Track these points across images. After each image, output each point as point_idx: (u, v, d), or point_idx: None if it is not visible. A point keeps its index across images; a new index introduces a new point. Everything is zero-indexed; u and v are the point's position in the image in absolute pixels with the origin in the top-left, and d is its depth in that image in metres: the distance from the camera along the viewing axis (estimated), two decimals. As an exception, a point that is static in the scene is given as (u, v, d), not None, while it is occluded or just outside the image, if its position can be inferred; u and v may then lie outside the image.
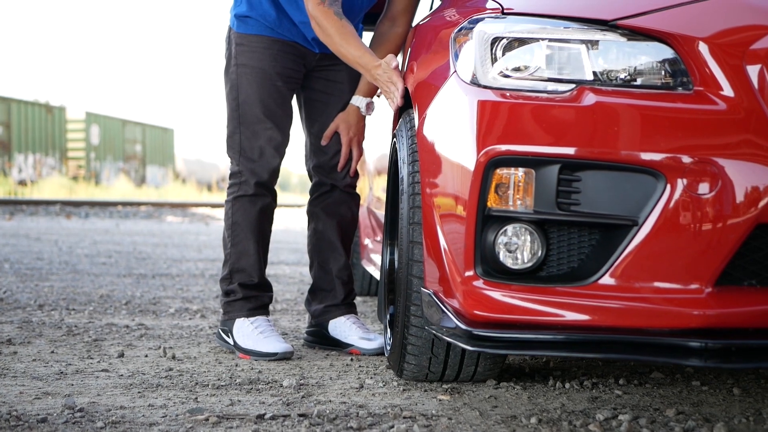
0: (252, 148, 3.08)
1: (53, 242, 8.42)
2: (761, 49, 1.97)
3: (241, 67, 3.09)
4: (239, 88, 3.09)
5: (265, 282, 3.18)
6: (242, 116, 3.09)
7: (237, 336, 3.08)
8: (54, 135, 27.15)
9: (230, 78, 3.12)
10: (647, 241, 1.95)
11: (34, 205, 15.87)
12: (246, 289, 3.13)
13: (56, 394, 2.42)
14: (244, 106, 3.08)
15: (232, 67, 3.12)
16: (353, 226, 3.29)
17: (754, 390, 2.54)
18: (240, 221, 3.12)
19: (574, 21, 2.11)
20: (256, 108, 3.07)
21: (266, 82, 3.07)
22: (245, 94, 3.08)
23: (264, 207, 3.13)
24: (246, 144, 3.09)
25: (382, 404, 2.34)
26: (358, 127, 3.14)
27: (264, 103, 3.07)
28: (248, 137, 3.08)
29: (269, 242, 3.22)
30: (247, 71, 3.08)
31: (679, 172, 1.94)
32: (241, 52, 3.10)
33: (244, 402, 2.36)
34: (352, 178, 3.22)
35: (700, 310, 1.94)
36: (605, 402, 2.38)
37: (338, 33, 2.88)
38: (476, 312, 2.08)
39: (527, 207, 2.04)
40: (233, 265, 3.14)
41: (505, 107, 2.08)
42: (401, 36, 3.11)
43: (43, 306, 4.16)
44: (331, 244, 3.25)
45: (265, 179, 3.09)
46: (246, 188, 3.10)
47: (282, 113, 3.10)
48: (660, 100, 1.99)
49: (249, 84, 3.07)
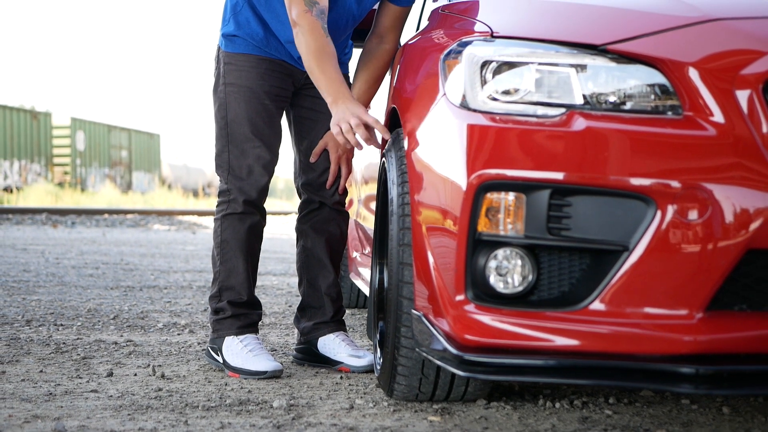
0: (240, 166, 3.08)
1: (40, 253, 8.39)
2: (751, 74, 1.98)
3: (229, 86, 3.09)
4: (227, 107, 3.09)
5: (255, 300, 3.18)
6: (231, 135, 3.09)
7: (226, 354, 3.07)
8: (39, 141, 27.07)
9: (219, 97, 3.12)
10: (637, 267, 1.96)
11: (20, 214, 15.80)
12: (235, 307, 3.13)
13: (45, 417, 2.41)
14: (233, 125, 3.08)
15: (220, 86, 3.12)
16: (342, 244, 3.29)
17: (743, 409, 2.55)
18: (229, 239, 3.12)
19: (564, 45, 2.12)
20: (244, 126, 3.07)
21: (254, 100, 3.07)
22: (233, 113, 3.08)
23: (253, 225, 3.13)
24: (234, 162, 3.08)
25: (373, 426, 2.34)
26: (346, 144, 3.13)
27: (252, 122, 3.07)
28: (237, 156, 3.08)
29: (258, 260, 3.22)
30: (234, 90, 3.08)
31: (669, 197, 1.94)
32: (229, 71, 3.10)
33: (234, 424, 2.35)
34: (341, 195, 3.22)
35: (691, 336, 1.94)
36: (596, 422, 2.39)
37: (318, 50, 2.85)
38: (467, 336, 2.07)
39: (518, 231, 2.04)
40: (222, 283, 3.14)
41: (495, 131, 2.08)
42: (389, 52, 3.12)
43: (30, 321, 4.14)
44: (319, 261, 3.25)
45: (253, 197, 3.09)
46: (235, 206, 3.10)
47: (270, 132, 3.10)
48: (650, 125, 1.99)
49: (237, 103, 3.07)
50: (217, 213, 3.17)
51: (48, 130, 27.67)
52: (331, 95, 2.83)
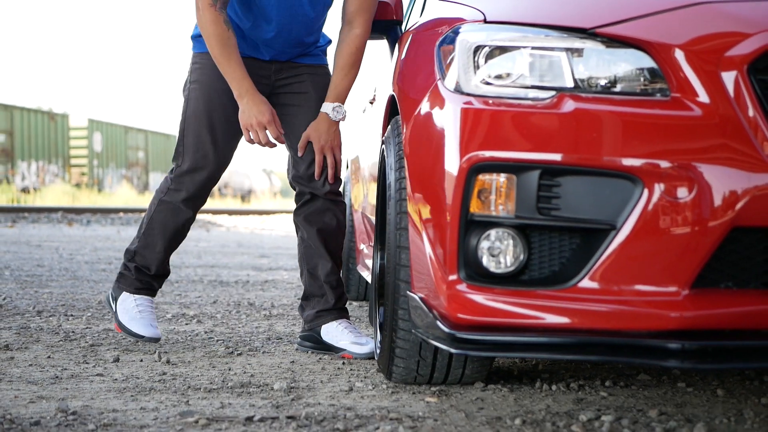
0: (190, 161, 3.20)
1: (54, 249, 8.47)
2: (736, 56, 2.01)
3: (193, 83, 3.23)
4: (188, 102, 3.23)
5: (162, 272, 3.39)
6: (186, 130, 3.22)
7: (119, 308, 3.33)
8: (57, 142, 27.25)
9: (184, 95, 3.27)
10: (625, 245, 1.99)
11: (36, 213, 15.92)
12: (140, 273, 3.34)
13: (50, 398, 2.46)
14: (190, 120, 3.22)
15: (187, 85, 3.27)
16: (339, 233, 3.31)
17: (738, 391, 2.58)
18: (157, 222, 3.30)
19: (555, 29, 2.15)
20: (200, 124, 3.20)
21: (214, 99, 3.20)
22: (192, 109, 3.22)
23: (184, 221, 3.31)
24: (185, 158, 3.21)
25: (370, 406, 2.38)
26: (329, 134, 3.17)
27: (209, 120, 3.20)
28: (189, 151, 3.21)
29: (179, 243, 3.41)
30: (196, 87, 3.22)
31: (656, 176, 1.98)
32: (194, 69, 3.25)
33: (234, 405, 2.40)
34: (332, 184, 3.24)
35: (678, 312, 1.97)
36: (590, 403, 2.42)
37: (221, 43, 3.04)
38: (460, 315, 2.12)
39: (509, 212, 2.08)
40: (138, 250, 3.34)
41: (488, 114, 2.12)
42: (360, 36, 3.17)
43: (41, 312, 4.21)
44: (317, 250, 3.30)
45: (192, 194, 3.24)
46: (174, 197, 3.25)
47: (223, 132, 3.21)
48: (637, 107, 2.03)
49: (197, 99, 3.21)
50: (158, 192, 3.32)
51: (65, 132, 27.85)
52: (236, 89, 3.09)
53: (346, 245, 5.15)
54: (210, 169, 3.21)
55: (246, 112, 3.09)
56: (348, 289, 5.01)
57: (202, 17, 3.03)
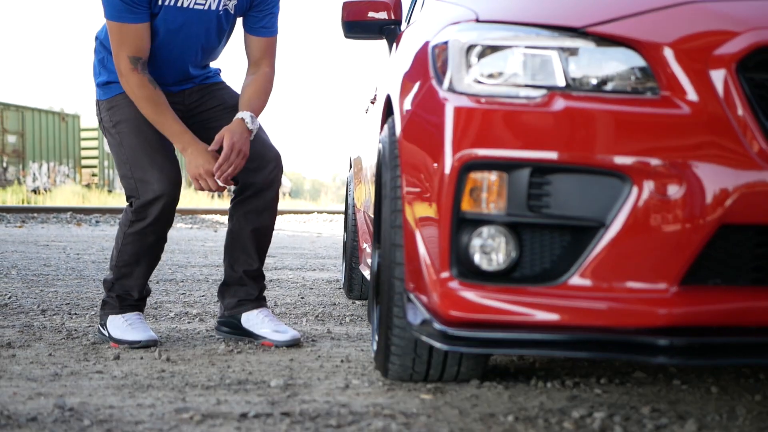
0: (146, 193, 3.23)
1: (62, 249, 8.51)
2: (725, 54, 2.02)
3: (118, 125, 3.30)
4: (122, 142, 3.29)
5: (145, 294, 3.45)
6: (132, 167, 3.26)
7: (110, 328, 3.35)
8: (68, 143, 27.31)
9: (113, 139, 3.33)
10: (614, 242, 2.01)
11: (45, 213, 15.98)
12: (123, 300, 3.40)
13: (49, 395, 2.48)
14: (131, 157, 3.26)
15: (111, 131, 3.34)
16: (271, 231, 3.48)
17: (731, 388, 2.59)
18: (128, 254, 3.34)
19: (546, 28, 2.17)
20: (142, 158, 3.25)
21: (144, 130, 3.27)
22: (128, 146, 3.28)
23: (155, 243, 3.36)
24: (140, 192, 3.24)
25: (365, 403, 2.40)
26: (242, 137, 3.22)
27: (148, 150, 3.25)
28: (141, 185, 3.24)
29: (157, 265, 3.46)
30: (124, 126, 3.29)
31: (644, 174, 1.99)
32: (114, 113, 3.32)
33: (230, 401, 2.42)
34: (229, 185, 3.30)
35: (667, 309, 1.99)
36: (583, 400, 2.43)
37: (152, 103, 3.18)
38: (452, 312, 2.13)
39: (500, 210, 2.09)
40: (116, 281, 3.39)
41: (480, 113, 2.13)
42: (269, 73, 3.38)
43: (45, 311, 4.24)
44: (245, 248, 3.44)
45: (157, 218, 3.26)
46: (139, 226, 3.29)
47: (164, 157, 3.27)
48: (626, 105, 2.05)
49: (129, 135, 3.28)
50: (122, 225, 3.34)
51: (76, 132, 27.91)
52: (179, 143, 3.21)
53: (350, 245, 5.17)
54: (167, 193, 3.23)
55: (192, 162, 3.18)
56: (351, 288, 5.03)
57: (128, 83, 3.17)
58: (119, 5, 3.11)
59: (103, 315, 3.40)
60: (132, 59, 3.15)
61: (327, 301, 4.86)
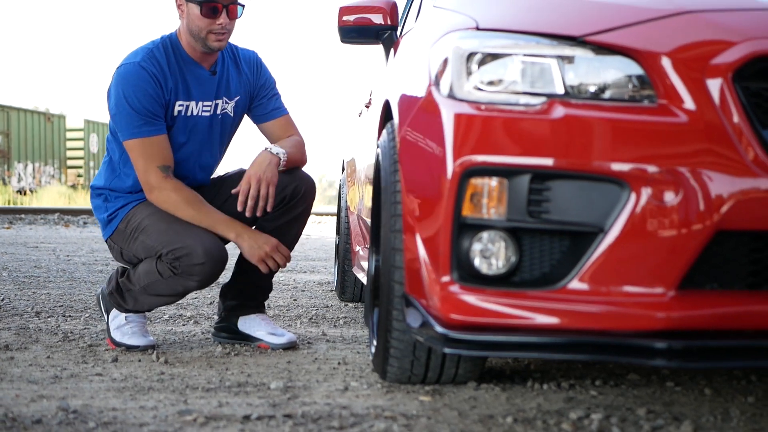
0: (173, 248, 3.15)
1: (51, 250, 8.51)
2: (721, 64, 2.06)
3: (140, 224, 3.26)
4: (147, 227, 3.24)
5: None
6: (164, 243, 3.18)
7: (111, 323, 3.39)
8: (53, 143, 27.22)
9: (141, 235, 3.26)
10: (613, 248, 2.05)
11: (32, 214, 15.96)
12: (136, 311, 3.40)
13: (51, 397, 2.51)
14: (157, 235, 3.20)
15: (135, 234, 3.27)
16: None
17: (725, 390, 2.63)
18: (165, 286, 3.26)
19: (546, 37, 2.21)
20: (164, 227, 3.19)
21: (168, 216, 3.22)
22: (152, 224, 3.23)
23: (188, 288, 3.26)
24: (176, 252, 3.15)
25: (365, 405, 2.43)
26: (262, 166, 3.19)
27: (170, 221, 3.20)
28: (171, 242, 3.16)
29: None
30: (146, 220, 3.24)
31: (642, 181, 2.03)
32: (129, 223, 3.29)
33: (232, 403, 2.45)
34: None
35: (664, 313, 2.03)
36: (580, 402, 2.47)
37: (192, 203, 3.18)
38: (452, 316, 2.17)
39: (500, 215, 2.13)
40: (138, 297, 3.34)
41: (480, 120, 2.17)
42: (299, 139, 3.41)
43: (40, 313, 4.25)
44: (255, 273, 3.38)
45: (204, 281, 3.19)
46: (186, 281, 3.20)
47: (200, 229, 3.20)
48: (625, 113, 2.09)
49: (150, 218, 3.24)
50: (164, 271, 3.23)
51: (62, 133, 27.83)
52: (232, 232, 3.19)
53: (342, 247, 5.20)
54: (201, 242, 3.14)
55: (253, 247, 3.18)
56: (344, 291, 5.06)
57: (163, 191, 3.17)
58: (137, 120, 3.13)
59: (110, 301, 3.41)
60: (162, 168, 3.16)
61: (320, 304, 4.89)
